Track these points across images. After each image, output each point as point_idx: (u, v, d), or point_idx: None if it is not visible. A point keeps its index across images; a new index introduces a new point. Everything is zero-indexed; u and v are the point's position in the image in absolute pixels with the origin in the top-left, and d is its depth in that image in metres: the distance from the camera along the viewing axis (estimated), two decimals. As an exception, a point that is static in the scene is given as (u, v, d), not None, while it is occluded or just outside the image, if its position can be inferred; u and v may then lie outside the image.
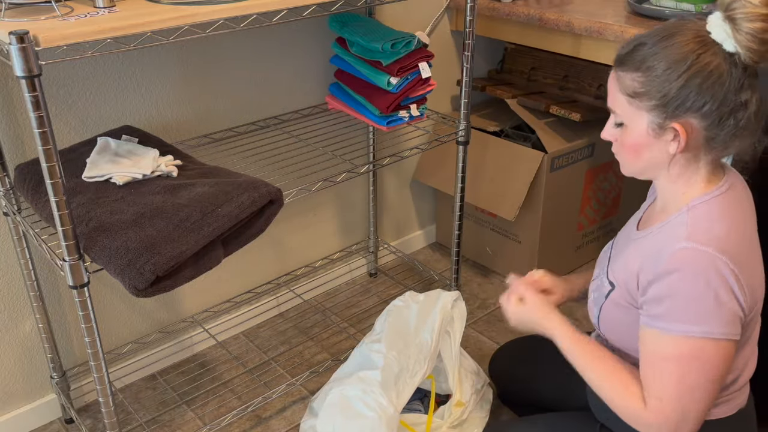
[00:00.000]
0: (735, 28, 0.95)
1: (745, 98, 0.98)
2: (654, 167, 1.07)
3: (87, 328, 1.30)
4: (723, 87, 0.97)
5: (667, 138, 1.02)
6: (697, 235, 0.99)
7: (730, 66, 0.97)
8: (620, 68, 1.04)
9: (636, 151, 1.06)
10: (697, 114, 0.99)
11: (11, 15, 1.17)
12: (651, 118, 1.02)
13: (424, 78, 1.79)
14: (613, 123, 1.10)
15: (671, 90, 0.98)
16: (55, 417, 1.83)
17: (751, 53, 0.95)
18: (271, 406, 1.86)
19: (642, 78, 1.01)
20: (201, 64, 1.76)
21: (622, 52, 1.04)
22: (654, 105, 1.00)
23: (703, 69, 0.97)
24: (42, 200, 1.36)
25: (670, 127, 1.01)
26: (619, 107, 1.06)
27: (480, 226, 2.39)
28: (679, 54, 0.98)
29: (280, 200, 1.41)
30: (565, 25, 1.89)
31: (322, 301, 2.28)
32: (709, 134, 1.01)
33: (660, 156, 1.05)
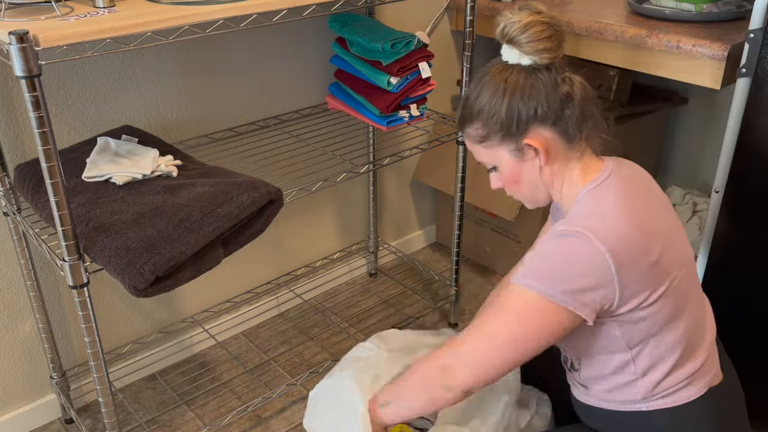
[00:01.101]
0: (518, 45, 1.08)
1: (565, 90, 1.08)
2: (537, 187, 1.15)
3: (87, 328, 1.30)
4: (540, 91, 1.07)
5: (530, 156, 1.11)
6: (576, 219, 1.05)
7: (535, 73, 1.08)
8: (462, 128, 1.16)
9: (516, 181, 1.15)
10: (537, 121, 1.08)
11: (11, 15, 1.17)
12: (506, 148, 1.11)
13: (424, 78, 1.79)
14: (490, 171, 1.19)
15: (502, 115, 1.09)
16: (55, 417, 1.83)
17: (542, 54, 1.07)
18: (271, 406, 1.86)
19: (479, 123, 1.12)
20: (201, 64, 1.76)
21: (458, 114, 1.17)
22: (501, 136, 1.10)
23: (516, 85, 1.09)
24: (42, 200, 1.36)
25: (524, 144, 1.10)
26: (482, 156, 1.16)
27: (480, 226, 2.39)
28: (492, 87, 1.10)
29: (280, 200, 1.41)
30: (565, 25, 1.89)
31: (322, 301, 2.28)
32: (559, 130, 1.09)
33: (535, 174, 1.13)
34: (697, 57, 1.64)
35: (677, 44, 1.66)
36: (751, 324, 1.61)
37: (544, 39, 1.07)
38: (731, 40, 1.60)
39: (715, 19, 1.79)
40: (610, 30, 1.79)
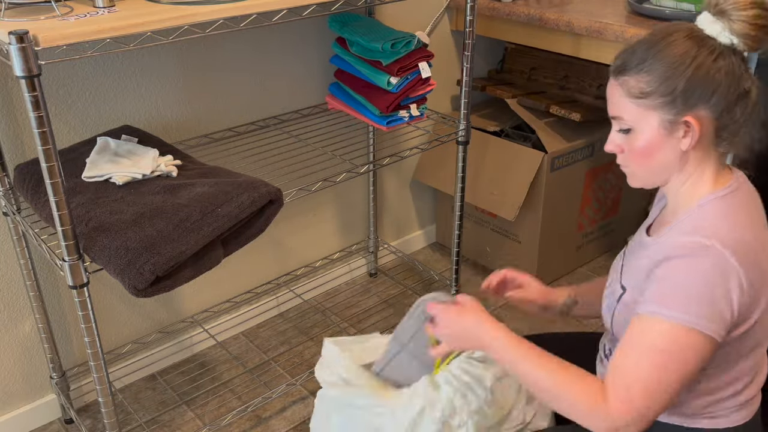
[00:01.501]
0: (728, 20, 0.98)
1: (747, 86, 1.00)
2: (665, 169, 1.06)
3: (87, 328, 1.30)
4: (727, 77, 0.99)
5: (678, 135, 1.02)
6: (703, 229, 0.99)
7: (729, 56, 0.99)
8: (622, 74, 1.04)
9: (648, 154, 1.05)
10: (707, 105, 1.00)
11: (11, 15, 1.17)
12: (662, 115, 1.01)
13: (424, 78, 1.79)
14: (617, 131, 1.08)
15: (679, 85, 0.99)
16: (55, 417, 1.83)
17: (748, 40, 0.98)
18: (271, 406, 1.86)
19: (647, 77, 1.01)
20: (201, 64, 1.76)
21: (619, 60, 1.05)
22: (664, 102, 1.01)
23: (705, 61, 0.98)
24: (42, 200, 1.36)
25: (683, 121, 1.01)
26: (626, 112, 1.04)
27: (480, 226, 2.39)
28: (680, 50, 0.99)
29: (280, 200, 1.41)
30: (565, 25, 1.89)
31: (322, 301, 2.28)
32: (720, 124, 1.02)
33: (672, 155, 1.04)
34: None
35: (677, 44, 1.66)
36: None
37: (760, 26, 0.97)
38: (731, 40, 1.60)
39: None
40: (610, 30, 1.79)
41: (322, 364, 1.36)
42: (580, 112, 2.08)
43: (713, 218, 1.01)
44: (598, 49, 1.88)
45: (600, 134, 2.24)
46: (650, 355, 0.97)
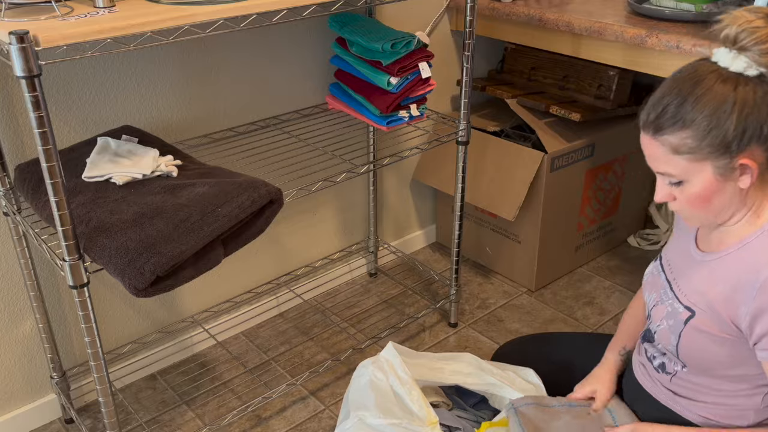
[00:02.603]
0: (751, 54, 0.96)
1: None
2: (726, 209, 1.05)
3: (87, 328, 1.30)
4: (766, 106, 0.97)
5: (735, 176, 1.01)
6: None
7: (763, 86, 0.97)
8: (659, 133, 1.01)
9: (706, 199, 1.03)
10: (759, 141, 0.98)
11: (11, 15, 1.17)
12: (715, 164, 0.99)
13: (424, 78, 1.79)
14: (667, 183, 1.05)
15: (728, 131, 0.97)
16: (55, 417, 1.83)
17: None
18: (271, 406, 1.86)
19: (691, 132, 0.98)
20: (201, 64, 1.76)
21: (651, 117, 1.02)
22: (715, 151, 0.98)
23: (747, 100, 0.96)
24: (42, 200, 1.36)
25: (738, 165, 0.99)
26: (675, 168, 1.02)
27: (480, 226, 2.39)
28: (717, 97, 0.97)
29: (280, 200, 1.41)
30: (565, 25, 1.89)
31: (322, 301, 2.28)
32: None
33: (732, 195, 1.03)
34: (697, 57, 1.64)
35: (677, 44, 1.66)
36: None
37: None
38: (731, 40, 1.60)
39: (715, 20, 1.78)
40: (610, 30, 1.79)
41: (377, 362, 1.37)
42: (580, 112, 2.08)
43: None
44: (598, 49, 1.88)
45: (600, 134, 2.24)
46: None
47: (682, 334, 1.11)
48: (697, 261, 1.11)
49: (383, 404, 1.28)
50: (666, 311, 1.15)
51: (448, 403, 1.42)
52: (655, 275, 1.22)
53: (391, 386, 1.32)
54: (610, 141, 2.28)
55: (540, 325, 2.15)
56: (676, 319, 1.12)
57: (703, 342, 1.08)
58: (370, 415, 1.27)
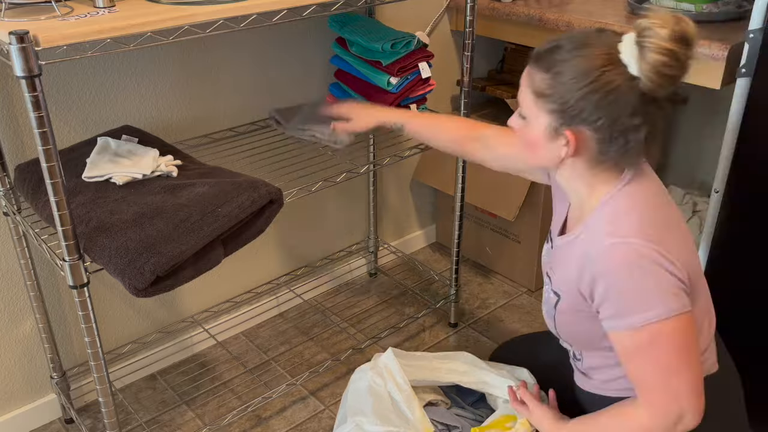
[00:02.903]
0: (641, 54, 0.98)
1: (637, 122, 1.02)
2: (545, 164, 1.13)
3: (87, 328, 1.30)
4: (618, 107, 1.00)
5: (560, 142, 1.07)
6: (616, 229, 1.04)
7: (629, 89, 1.00)
8: (534, 65, 1.08)
9: (532, 147, 1.11)
10: (591, 127, 1.03)
11: (11, 15, 1.17)
12: (549, 120, 1.06)
13: (424, 78, 1.79)
14: (518, 114, 1.13)
15: (571, 99, 1.02)
16: (55, 417, 1.83)
17: (650, 82, 0.99)
18: (271, 406, 1.86)
19: (550, 80, 1.04)
20: (201, 64, 1.76)
21: (541, 49, 1.08)
22: (553, 109, 1.04)
23: (604, 86, 1.00)
24: (42, 200, 1.36)
25: (564, 132, 1.05)
26: (525, 102, 1.09)
27: (480, 226, 2.39)
28: (587, 66, 1.01)
29: (280, 200, 1.41)
30: (565, 25, 1.89)
31: (322, 301, 2.28)
32: (600, 148, 1.05)
33: (551, 157, 1.09)
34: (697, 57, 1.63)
35: (677, 44, 1.66)
36: (751, 323, 1.61)
37: (663, 75, 0.98)
38: (731, 40, 1.60)
39: (715, 19, 1.78)
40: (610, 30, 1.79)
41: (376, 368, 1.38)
42: (580, 112, 2.08)
43: (620, 215, 1.06)
44: (598, 49, 1.88)
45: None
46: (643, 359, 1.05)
47: (555, 317, 1.20)
48: (557, 246, 1.20)
49: (380, 410, 1.29)
50: (545, 297, 1.24)
51: (446, 402, 1.42)
52: (544, 259, 1.30)
53: (389, 392, 1.34)
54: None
55: (540, 325, 2.15)
56: (549, 304, 1.21)
57: (570, 320, 1.17)
58: (367, 421, 1.28)
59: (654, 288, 1.02)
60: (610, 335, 1.08)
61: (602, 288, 1.05)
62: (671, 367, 1.04)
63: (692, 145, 2.48)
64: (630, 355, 1.06)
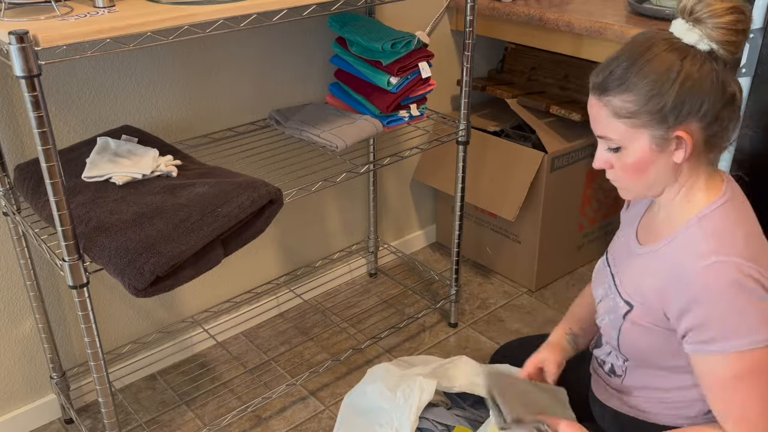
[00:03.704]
0: (704, 28, 0.96)
1: (732, 90, 0.99)
2: (659, 182, 1.05)
3: (87, 328, 1.30)
4: (712, 85, 0.97)
5: (670, 149, 1.01)
6: (718, 247, 0.99)
7: (711, 64, 0.98)
8: (604, 94, 1.03)
9: (641, 169, 1.04)
10: (697, 116, 0.99)
11: (11, 15, 1.17)
12: (652, 132, 1.00)
13: (424, 78, 1.79)
14: (606, 149, 1.06)
15: (668, 101, 0.98)
16: (55, 417, 1.83)
17: (728, 46, 0.97)
18: (271, 406, 1.86)
19: (632, 97, 1.00)
20: (201, 64, 1.76)
21: (599, 78, 1.03)
22: (653, 119, 0.99)
23: (691, 73, 0.97)
24: (42, 200, 1.36)
25: (674, 136, 1.00)
26: (614, 132, 1.03)
27: (480, 226, 2.39)
28: (663, 65, 0.98)
29: (280, 200, 1.41)
30: (565, 25, 1.89)
31: (322, 301, 2.28)
32: (709, 132, 1.01)
33: (666, 168, 1.03)
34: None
35: (677, 44, 1.66)
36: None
37: (738, 31, 0.95)
38: (731, 40, 1.60)
39: None
40: (610, 30, 1.79)
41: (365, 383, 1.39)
42: (580, 112, 2.08)
43: (722, 232, 1.00)
44: (598, 49, 1.88)
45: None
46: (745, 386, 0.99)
47: (621, 328, 1.13)
48: (636, 254, 1.13)
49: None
50: (609, 306, 1.17)
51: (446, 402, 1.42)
52: (602, 270, 1.24)
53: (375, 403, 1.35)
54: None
55: (540, 325, 2.15)
56: (617, 313, 1.14)
57: (640, 334, 1.10)
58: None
59: (756, 311, 0.96)
60: (699, 360, 1.02)
61: (702, 310, 0.99)
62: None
63: (692, 145, 2.48)
64: (727, 382, 0.99)
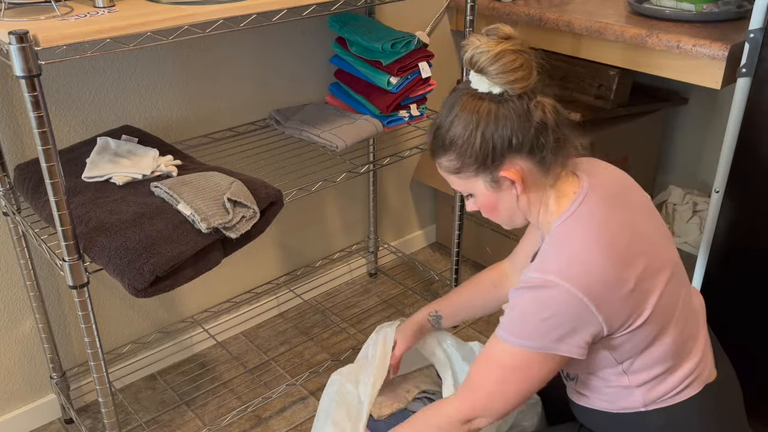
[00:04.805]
0: (487, 75, 1.03)
1: (538, 118, 1.05)
2: (516, 213, 1.14)
3: (87, 328, 1.30)
4: (513, 121, 1.04)
5: (506, 186, 1.09)
6: (545, 264, 1.04)
7: (506, 102, 1.04)
8: (435, 157, 1.12)
9: (493, 208, 1.14)
10: (511, 151, 1.05)
11: (11, 15, 1.17)
12: (482, 179, 1.09)
13: (424, 78, 1.79)
14: (467, 199, 1.17)
15: (477, 148, 1.05)
16: (55, 417, 1.83)
17: (514, 83, 1.03)
18: (271, 406, 1.86)
19: (453, 155, 1.08)
20: (201, 64, 1.76)
21: (428, 143, 1.13)
22: (476, 168, 1.08)
23: (488, 117, 1.04)
24: (42, 200, 1.36)
25: (501, 177, 1.08)
26: (458, 186, 1.14)
27: (480, 226, 2.39)
28: (465, 117, 1.06)
29: (280, 201, 1.41)
30: (565, 25, 1.89)
31: (322, 301, 2.28)
32: (536, 159, 1.07)
33: (512, 202, 1.12)
34: (698, 57, 1.64)
35: (677, 44, 1.66)
36: (751, 324, 1.61)
37: (516, 69, 1.03)
38: (731, 40, 1.60)
39: (715, 19, 1.79)
40: (610, 30, 1.79)
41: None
42: (580, 112, 2.08)
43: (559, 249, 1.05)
44: (598, 49, 1.88)
45: (600, 134, 2.24)
46: (495, 371, 1.08)
47: None
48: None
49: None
50: None
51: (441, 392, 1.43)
52: None
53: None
54: (610, 141, 2.28)
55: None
56: None
57: None
58: None
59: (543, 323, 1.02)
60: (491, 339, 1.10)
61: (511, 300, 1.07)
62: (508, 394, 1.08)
63: (692, 145, 2.49)
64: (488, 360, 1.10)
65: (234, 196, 1.31)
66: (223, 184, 1.34)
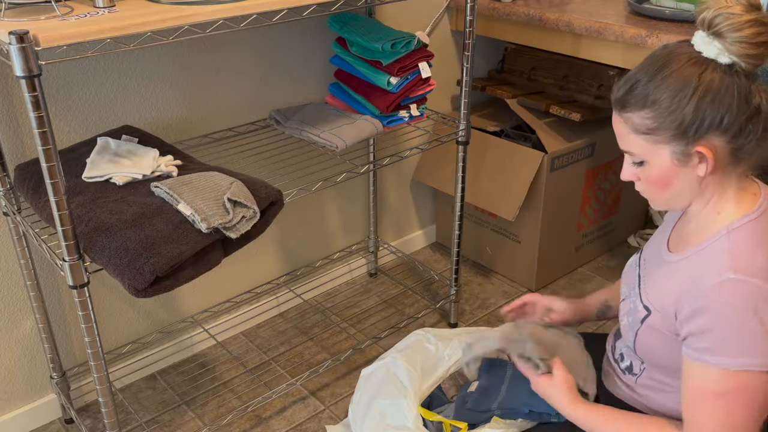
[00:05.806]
0: (724, 41, 0.95)
1: (756, 103, 0.97)
2: (684, 195, 1.05)
3: (87, 328, 1.30)
4: (733, 98, 0.96)
5: (693, 163, 1.00)
6: (741, 264, 0.97)
7: (732, 77, 0.96)
8: (624, 110, 1.02)
9: (664, 184, 1.04)
10: (718, 130, 0.97)
11: (11, 15, 1.17)
12: (672, 148, 1.00)
13: (424, 78, 1.79)
14: (631, 163, 1.07)
15: (686, 116, 0.97)
16: (55, 417, 1.83)
17: (750, 59, 0.95)
18: (271, 406, 1.86)
19: (651, 113, 0.99)
20: (201, 64, 1.76)
21: (619, 93, 1.03)
22: (672, 135, 0.99)
23: (709, 87, 0.96)
24: (42, 200, 1.36)
25: (695, 151, 0.99)
26: (635, 147, 1.03)
27: (480, 226, 2.39)
28: (681, 79, 0.97)
29: (281, 201, 1.41)
30: (565, 25, 1.89)
31: (322, 301, 2.28)
32: (734, 146, 0.99)
33: (690, 183, 1.03)
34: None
35: (677, 44, 1.66)
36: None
37: (759, 44, 0.93)
38: (731, 40, 1.60)
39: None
40: (610, 30, 1.79)
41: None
42: (580, 112, 2.08)
43: (749, 249, 0.98)
44: (598, 49, 1.88)
45: (600, 134, 2.24)
46: (716, 403, 0.98)
47: (638, 331, 1.13)
48: (664, 261, 1.12)
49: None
50: (629, 307, 1.16)
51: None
52: (632, 268, 1.23)
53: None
54: (611, 141, 2.28)
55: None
56: (635, 316, 1.13)
57: (656, 340, 1.10)
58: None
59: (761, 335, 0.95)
60: (688, 364, 1.01)
61: (707, 319, 0.98)
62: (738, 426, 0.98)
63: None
64: (703, 393, 0.99)
65: (234, 196, 1.31)
66: (223, 184, 1.34)
